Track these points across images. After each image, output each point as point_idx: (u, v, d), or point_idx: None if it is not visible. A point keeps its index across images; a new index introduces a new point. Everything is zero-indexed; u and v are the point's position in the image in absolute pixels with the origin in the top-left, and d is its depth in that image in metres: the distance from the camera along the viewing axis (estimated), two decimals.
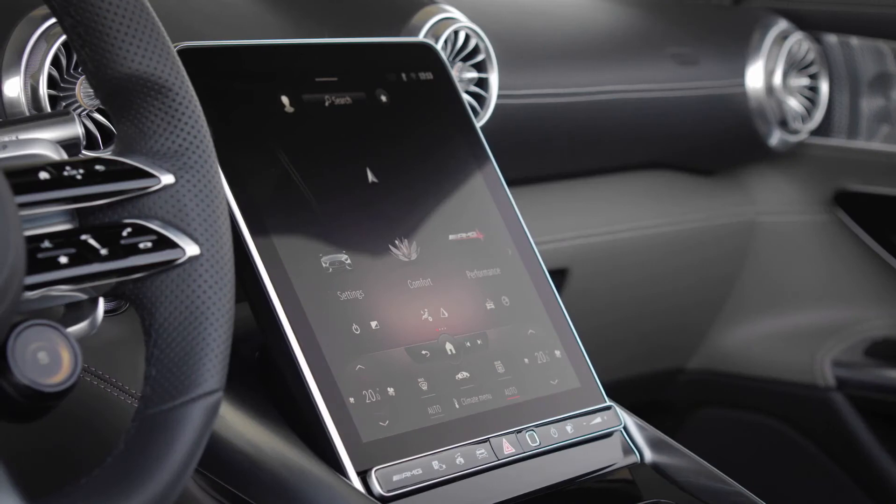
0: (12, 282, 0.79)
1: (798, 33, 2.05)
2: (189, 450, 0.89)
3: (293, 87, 1.27)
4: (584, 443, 1.28)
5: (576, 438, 1.27)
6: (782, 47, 2.01)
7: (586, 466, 1.28)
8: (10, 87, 1.13)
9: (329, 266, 1.20)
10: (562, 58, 1.72)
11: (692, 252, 2.05)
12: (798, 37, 2.04)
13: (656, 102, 1.86)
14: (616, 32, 1.84)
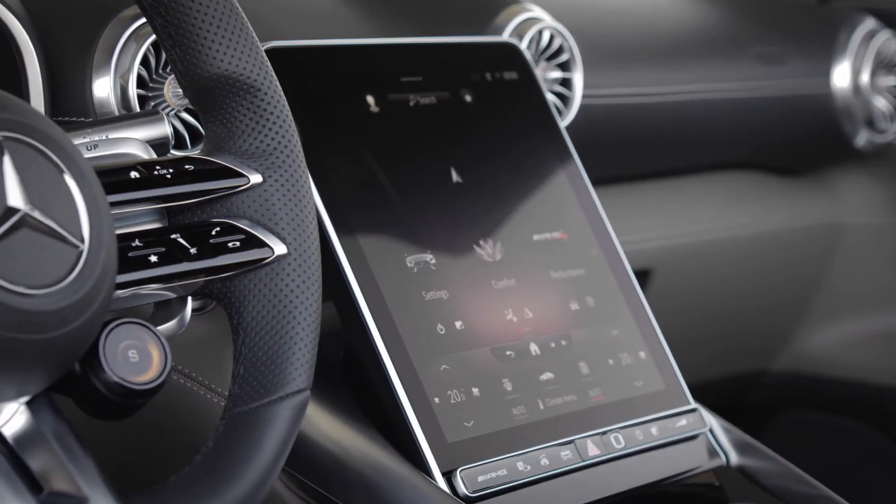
0: (104, 280, 0.80)
1: (886, 32, 2.02)
2: (277, 448, 0.89)
3: (378, 87, 1.27)
4: (669, 445, 1.27)
5: (661, 441, 1.26)
6: (869, 46, 1.99)
7: (671, 469, 1.27)
8: (100, 87, 1.14)
9: (414, 266, 1.20)
10: (646, 57, 1.71)
11: (776, 253, 2.03)
12: (886, 35, 2.01)
13: (740, 102, 1.84)
14: (701, 32, 1.83)
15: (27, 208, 0.76)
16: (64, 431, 0.82)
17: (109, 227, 0.81)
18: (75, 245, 0.78)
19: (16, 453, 0.79)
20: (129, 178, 0.90)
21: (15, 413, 0.81)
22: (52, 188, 0.78)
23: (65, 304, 0.77)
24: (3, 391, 0.78)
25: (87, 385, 0.85)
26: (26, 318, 0.75)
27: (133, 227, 0.92)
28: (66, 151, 0.80)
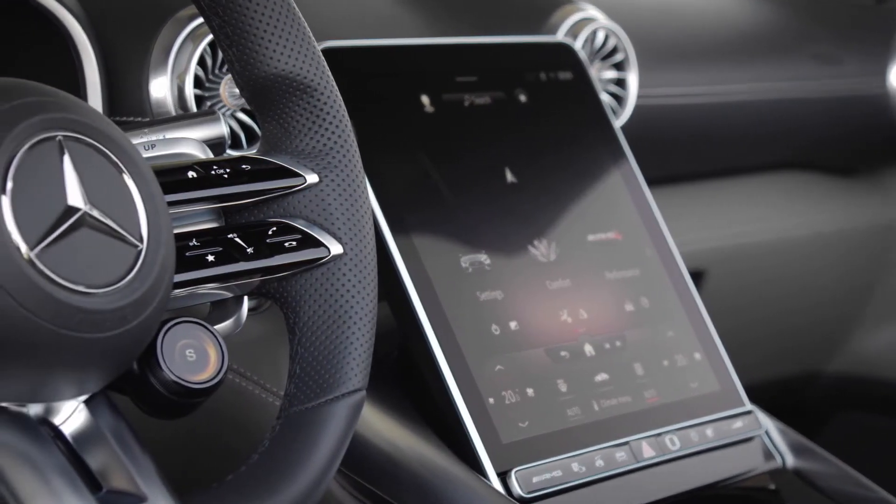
0: (163, 279, 0.80)
1: None
2: (333, 448, 0.90)
3: (433, 87, 1.27)
4: (724, 447, 1.26)
5: (716, 443, 1.25)
6: None
7: (726, 471, 1.26)
8: (157, 88, 1.14)
9: (469, 266, 1.20)
10: (701, 56, 1.70)
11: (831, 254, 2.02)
12: None
13: (796, 102, 1.83)
14: (756, 31, 1.82)
15: (87, 208, 0.76)
16: (122, 430, 0.82)
17: (168, 226, 0.81)
18: (134, 244, 0.78)
19: (75, 451, 0.80)
20: (186, 177, 0.90)
21: (74, 411, 0.81)
22: (112, 188, 0.78)
23: (124, 304, 0.77)
24: (62, 390, 0.79)
25: (144, 384, 0.85)
26: (86, 317, 0.75)
27: (190, 226, 0.92)
28: (125, 151, 0.80)
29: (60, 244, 0.75)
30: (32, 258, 0.73)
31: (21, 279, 0.73)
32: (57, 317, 0.74)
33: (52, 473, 0.77)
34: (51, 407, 0.80)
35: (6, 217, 0.73)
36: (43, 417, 0.80)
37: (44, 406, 0.80)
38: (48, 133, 0.76)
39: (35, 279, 0.73)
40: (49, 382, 0.77)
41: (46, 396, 0.79)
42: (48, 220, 0.75)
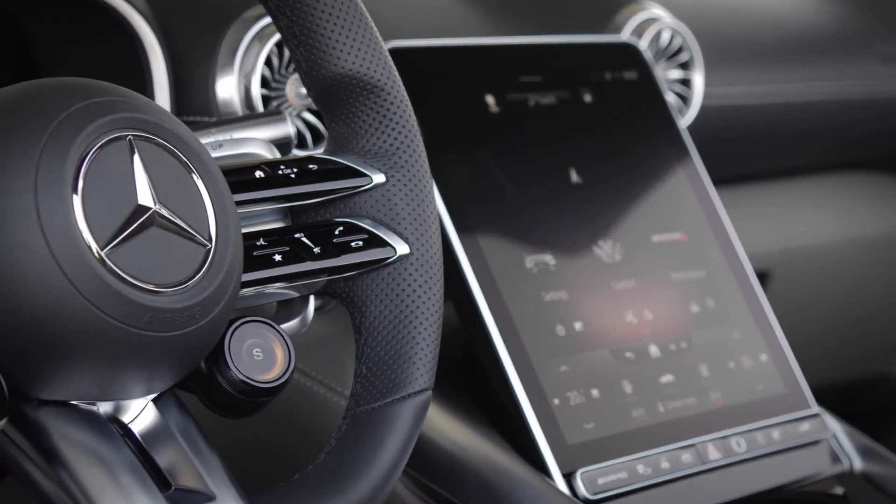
0: (231, 279, 0.80)
1: None
2: (400, 448, 0.89)
3: (498, 87, 1.27)
4: (791, 450, 1.25)
5: (782, 446, 1.24)
6: None
7: (793, 474, 1.25)
8: (223, 88, 1.15)
9: (533, 266, 1.20)
10: (767, 56, 1.68)
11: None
12: None
13: (863, 102, 1.81)
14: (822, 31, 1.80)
15: (156, 207, 0.77)
16: (190, 428, 0.82)
17: (236, 226, 0.82)
18: (203, 244, 0.79)
19: (144, 449, 0.80)
20: (254, 177, 0.90)
21: (143, 410, 0.82)
22: (181, 187, 0.79)
23: (192, 303, 0.77)
24: (131, 388, 0.79)
25: (212, 383, 0.85)
26: (155, 316, 0.75)
27: (257, 226, 0.92)
28: (194, 151, 0.80)
29: (130, 243, 0.75)
30: (103, 257, 0.74)
31: (92, 278, 0.73)
32: (127, 315, 0.74)
33: (122, 471, 0.77)
34: (120, 405, 0.81)
35: (78, 216, 0.73)
36: (112, 415, 0.80)
37: (113, 404, 0.80)
38: (118, 133, 0.77)
39: (106, 278, 0.74)
40: (119, 381, 0.77)
41: (116, 395, 0.79)
42: (118, 219, 0.75)
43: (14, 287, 0.72)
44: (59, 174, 0.73)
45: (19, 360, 0.74)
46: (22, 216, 0.72)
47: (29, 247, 0.72)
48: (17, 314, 0.72)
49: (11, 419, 0.75)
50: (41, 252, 0.72)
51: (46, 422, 0.77)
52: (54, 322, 0.73)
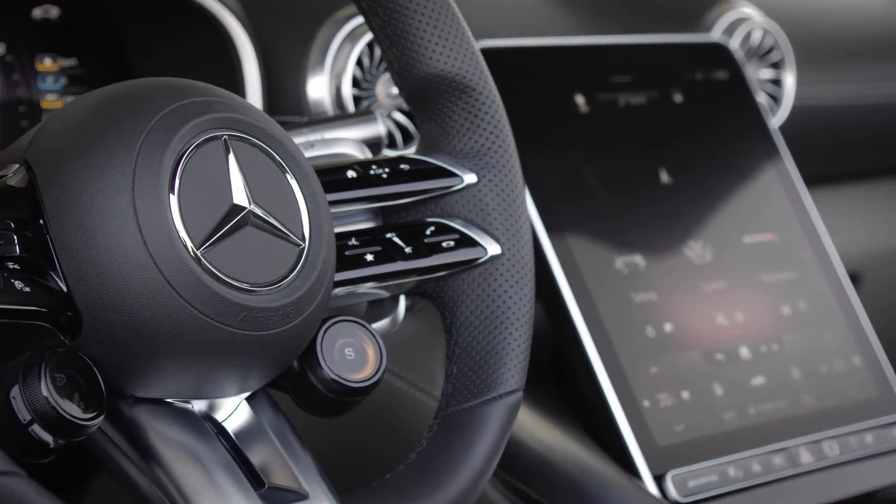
0: (324, 278, 0.80)
1: None
2: (491, 448, 0.89)
3: (588, 87, 1.26)
4: (885, 454, 1.24)
5: (876, 450, 1.22)
6: None
7: (886, 479, 1.24)
8: (314, 88, 1.15)
9: (623, 267, 1.19)
10: (859, 56, 1.66)
11: None
12: None
13: None
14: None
15: (251, 206, 0.77)
16: (283, 427, 0.83)
17: (329, 225, 0.82)
18: (297, 243, 0.79)
19: (238, 448, 0.80)
20: (346, 177, 0.90)
21: (236, 408, 0.82)
22: (275, 187, 0.79)
23: (286, 302, 0.77)
24: (226, 386, 0.79)
25: (304, 382, 0.86)
26: (250, 315, 0.76)
27: (349, 225, 0.92)
28: (288, 151, 0.81)
29: (225, 242, 0.76)
30: (199, 256, 0.74)
31: (188, 277, 0.74)
32: (222, 314, 0.75)
33: (217, 469, 0.78)
34: (214, 403, 0.81)
35: (174, 216, 0.74)
36: (207, 414, 0.81)
37: (207, 402, 0.81)
38: (214, 132, 0.77)
39: (201, 277, 0.74)
40: (213, 379, 0.78)
41: (210, 393, 0.80)
42: (214, 218, 0.76)
43: (113, 287, 0.73)
44: (156, 174, 0.74)
45: (116, 359, 0.75)
46: (120, 216, 0.73)
47: (127, 246, 0.73)
48: (115, 313, 0.73)
49: (108, 416, 0.76)
50: (139, 252, 0.73)
51: (142, 419, 0.78)
52: (152, 321, 0.73)
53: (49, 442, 0.73)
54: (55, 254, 0.74)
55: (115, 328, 0.74)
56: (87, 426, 0.73)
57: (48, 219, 0.74)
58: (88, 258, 0.73)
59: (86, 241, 0.73)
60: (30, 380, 0.72)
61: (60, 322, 0.74)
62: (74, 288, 0.74)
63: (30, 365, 0.72)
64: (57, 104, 1.14)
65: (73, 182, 0.74)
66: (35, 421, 0.72)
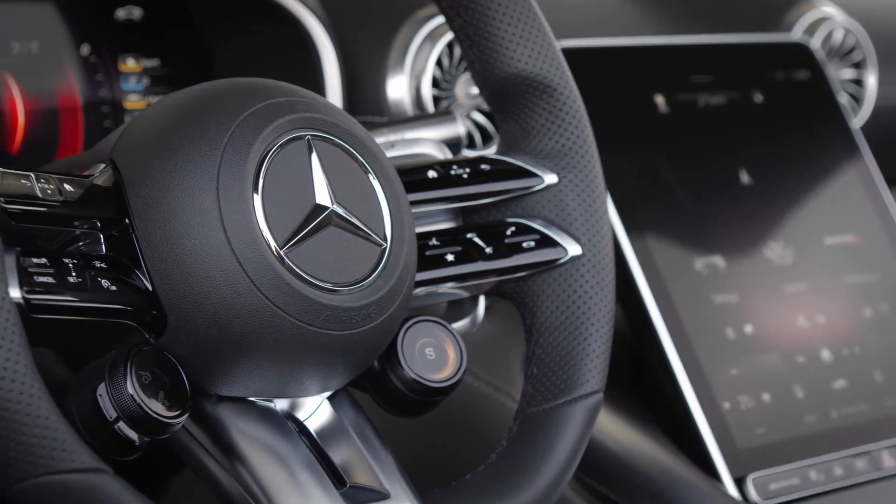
0: (405, 278, 0.81)
1: None
2: (571, 450, 0.89)
3: (668, 87, 1.26)
4: None
5: None
6: None
7: None
8: (394, 88, 1.15)
9: (703, 268, 1.19)
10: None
11: None
12: None
13: None
14: None
15: (334, 206, 0.77)
16: (364, 426, 0.83)
17: (410, 225, 0.82)
18: (378, 243, 0.79)
19: (319, 447, 0.80)
20: (427, 177, 0.90)
21: (318, 407, 0.82)
22: (357, 187, 0.79)
23: (368, 301, 0.78)
24: (308, 386, 0.80)
25: (385, 381, 0.86)
26: (332, 314, 0.76)
27: (429, 225, 0.92)
28: (370, 151, 0.81)
29: (308, 242, 0.76)
30: (282, 256, 0.75)
31: (271, 276, 0.74)
32: (305, 314, 0.75)
33: (299, 468, 0.78)
34: (296, 402, 0.82)
35: (258, 216, 0.74)
36: (288, 412, 0.81)
37: (289, 401, 0.81)
38: (297, 132, 0.77)
39: (284, 276, 0.74)
40: (296, 378, 0.78)
41: (293, 392, 0.80)
42: (297, 218, 0.76)
43: (197, 285, 0.73)
44: (241, 174, 0.75)
45: (200, 357, 0.76)
46: (204, 215, 0.74)
47: (211, 246, 0.73)
48: (199, 312, 0.74)
49: (191, 414, 0.76)
50: (223, 251, 0.73)
51: (225, 417, 0.79)
52: (235, 320, 0.74)
53: (134, 439, 0.73)
54: (141, 253, 0.75)
55: (199, 327, 0.74)
56: (172, 424, 0.74)
57: (134, 218, 0.75)
58: (173, 257, 0.74)
59: (171, 241, 0.74)
60: (116, 378, 0.72)
61: (145, 321, 0.75)
62: (159, 287, 0.74)
63: (116, 363, 0.73)
64: (139, 104, 1.15)
65: (158, 182, 0.74)
66: (121, 418, 0.72)
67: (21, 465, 0.68)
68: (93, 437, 0.72)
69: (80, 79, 1.12)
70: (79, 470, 0.69)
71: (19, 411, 0.67)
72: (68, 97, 1.11)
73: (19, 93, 1.08)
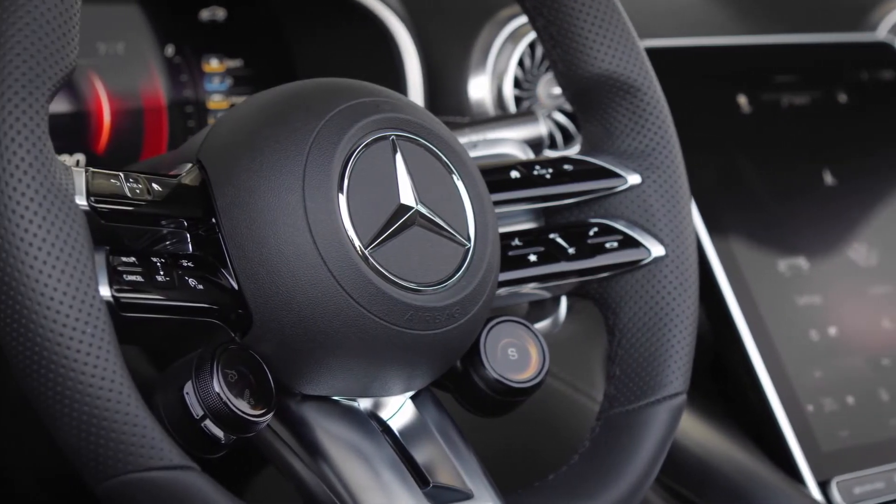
0: (489, 278, 0.81)
1: None
2: (655, 452, 0.88)
3: (751, 87, 1.25)
4: None
5: None
6: None
7: None
8: (476, 88, 1.15)
9: (786, 269, 1.18)
10: None
11: None
12: None
13: None
14: None
15: (418, 206, 0.77)
16: (447, 426, 0.83)
17: (494, 225, 0.82)
18: (462, 243, 0.79)
19: (403, 446, 0.81)
20: (510, 177, 0.90)
21: (401, 407, 0.83)
22: (441, 187, 0.79)
23: (452, 301, 0.78)
24: (392, 385, 0.80)
25: (467, 381, 0.86)
26: (416, 314, 0.76)
27: (512, 226, 0.92)
28: (454, 151, 0.81)
29: (392, 242, 0.76)
30: (367, 255, 0.75)
31: (356, 276, 0.74)
32: (389, 313, 0.75)
33: (383, 467, 0.78)
34: (379, 402, 0.82)
35: (343, 215, 0.75)
36: (372, 412, 0.81)
37: (373, 401, 0.81)
38: (382, 132, 0.78)
39: (369, 276, 0.75)
40: (380, 378, 0.78)
41: (376, 391, 0.80)
42: (381, 218, 0.76)
43: (283, 284, 0.74)
44: (326, 173, 0.75)
45: (285, 356, 0.76)
46: (290, 215, 0.74)
47: (297, 245, 0.74)
48: (285, 311, 0.74)
49: (276, 413, 0.77)
50: (308, 250, 0.74)
51: (310, 416, 0.79)
52: (320, 319, 0.74)
53: (220, 437, 0.74)
54: (227, 252, 0.75)
55: (284, 326, 0.75)
56: (258, 422, 0.74)
57: (220, 217, 0.75)
58: (259, 256, 0.74)
59: (257, 240, 0.74)
60: (202, 376, 0.73)
61: (231, 319, 0.75)
62: (245, 286, 0.75)
63: (202, 361, 0.73)
64: (222, 105, 1.16)
65: (244, 181, 0.75)
66: (207, 416, 0.73)
67: (111, 462, 0.69)
68: (179, 434, 0.73)
69: (164, 79, 1.13)
70: (167, 467, 0.69)
71: (109, 409, 0.68)
72: (153, 97, 1.12)
73: (105, 93, 1.10)
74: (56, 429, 0.69)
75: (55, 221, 0.68)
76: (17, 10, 0.69)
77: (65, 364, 0.67)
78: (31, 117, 0.69)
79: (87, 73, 1.09)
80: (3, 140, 0.68)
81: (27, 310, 0.67)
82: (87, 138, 1.09)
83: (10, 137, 0.68)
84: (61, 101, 1.06)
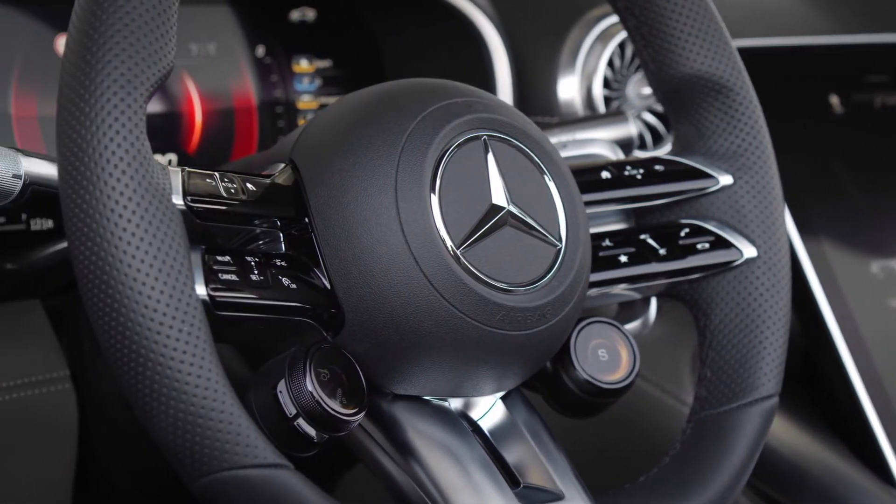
0: (580, 279, 0.80)
1: None
2: (746, 454, 0.88)
3: (843, 88, 1.24)
4: None
5: None
6: None
7: None
8: (565, 88, 1.15)
9: (880, 272, 1.16)
10: None
11: None
12: None
13: None
14: None
15: (510, 206, 0.77)
16: (538, 427, 0.83)
17: (585, 226, 0.82)
18: (553, 244, 0.79)
19: (493, 446, 0.81)
20: (600, 178, 0.90)
21: (491, 407, 0.83)
22: (533, 187, 0.79)
23: (544, 302, 0.78)
24: (482, 385, 0.80)
25: (557, 382, 0.86)
26: (508, 314, 0.76)
27: (602, 226, 0.92)
28: (545, 152, 0.81)
29: (484, 242, 0.76)
30: (459, 255, 0.75)
31: (448, 275, 0.74)
32: (480, 313, 0.75)
33: (474, 467, 0.78)
34: (470, 402, 0.82)
35: (435, 215, 0.75)
36: (462, 412, 0.81)
37: (463, 401, 0.82)
38: (474, 132, 0.78)
39: (461, 276, 0.75)
40: (471, 378, 0.79)
41: (467, 392, 0.80)
42: (473, 218, 0.76)
43: (375, 284, 0.74)
44: (418, 174, 0.75)
45: (377, 356, 0.76)
46: (383, 215, 0.74)
47: (390, 245, 0.74)
48: (377, 310, 0.74)
49: (367, 412, 0.77)
50: (401, 250, 0.74)
51: (401, 416, 0.79)
52: (412, 318, 0.74)
53: (312, 436, 0.74)
54: (320, 251, 0.76)
55: (376, 325, 0.75)
56: (350, 421, 0.74)
57: (313, 217, 0.76)
58: (352, 256, 0.74)
59: (349, 240, 0.75)
60: (295, 375, 0.73)
61: (323, 318, 0.76)
62: (338, 285, 0.75)
63: (295, 360, 0.74)
64: (312, 105, 1.16)
65: (337, 181, 0.75)
66: (300, 415, 0.73)
67: (206, 459, 0.69)
68: (272, 433, 0.73)
69: (255, 79, 1.14)
70: (262, 465, 0.70)
71: (205, 406, 0.69)
72: (244, 97, 1.13)
73: (197, 93, 1.11)
74: (153, 427, 0.70)
75: (153, 221, 0.69)
76: (117, 10, 0.70)
77: (162, 362, 0.68)
78: (130, 117, 0.69)
79: (180, 74, 1.10)
80: (102, 140, 0.69)
81: (125, 308, 0.68)
82: (180, 138, 1.10)
83: (110, 137, 0.69)
84: (155, 101, 1.07)
